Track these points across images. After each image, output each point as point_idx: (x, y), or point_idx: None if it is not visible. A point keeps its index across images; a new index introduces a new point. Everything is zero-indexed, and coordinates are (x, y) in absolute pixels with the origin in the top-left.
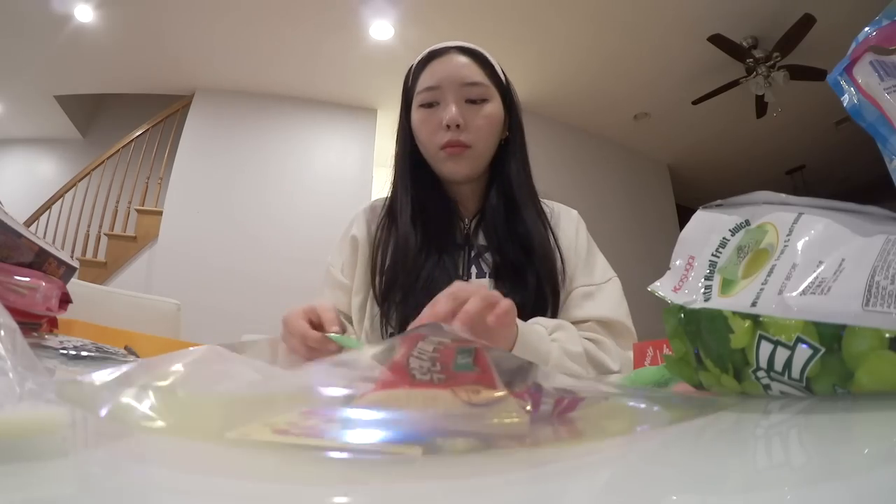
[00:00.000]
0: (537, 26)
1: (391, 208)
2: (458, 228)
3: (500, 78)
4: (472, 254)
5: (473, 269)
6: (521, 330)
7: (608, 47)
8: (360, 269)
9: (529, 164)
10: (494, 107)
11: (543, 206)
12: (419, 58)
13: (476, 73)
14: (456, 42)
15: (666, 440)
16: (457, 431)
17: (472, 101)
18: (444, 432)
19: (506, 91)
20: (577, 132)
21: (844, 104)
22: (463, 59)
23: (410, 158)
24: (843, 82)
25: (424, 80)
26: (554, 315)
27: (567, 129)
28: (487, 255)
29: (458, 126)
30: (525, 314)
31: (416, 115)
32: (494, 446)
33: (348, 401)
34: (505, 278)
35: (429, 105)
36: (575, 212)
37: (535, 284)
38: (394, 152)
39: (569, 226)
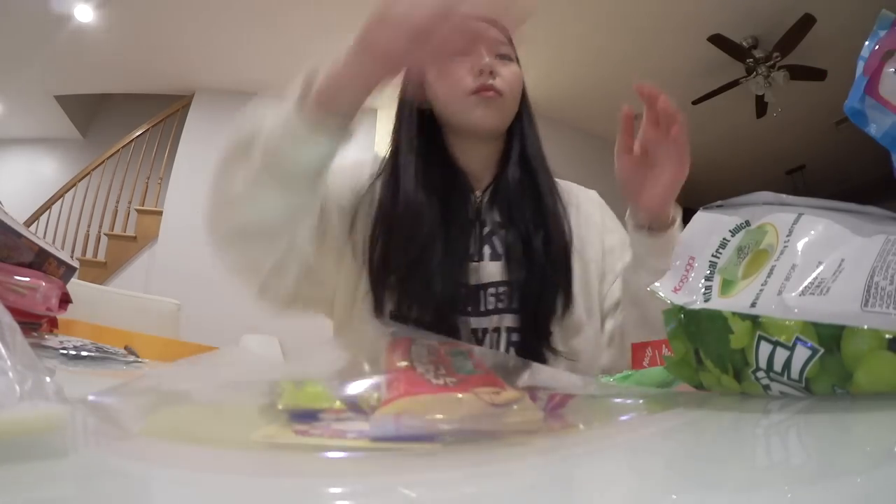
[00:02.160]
0: (537, 27)
1: (394, 166)
2: (470, 202)
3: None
4: (485, 231)
5: (487, 249)
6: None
7: (608, 47)
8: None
9: (540, 138)
10: (518, 68)
11: (557, 184)
12: None
13: (503, 36)
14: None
15: (666, 439)
16: (479, 431)
17: (502, 57)
18: (466, 433)
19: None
20: (577, 132)
21: (874, 133)
22: (490, 24)
23: (419, 116)
24: (866, 109)
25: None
26: (567, 300)
27: (567, 129)
28: (503, 233)
29: (491, 73)
30: (535, 297)
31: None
32: (506, 442)
33: (366, 407)
34: (518, 258)
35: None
36: (593, 192)
37: (548, 266)
38: (396, 110)
39: (591, 209)
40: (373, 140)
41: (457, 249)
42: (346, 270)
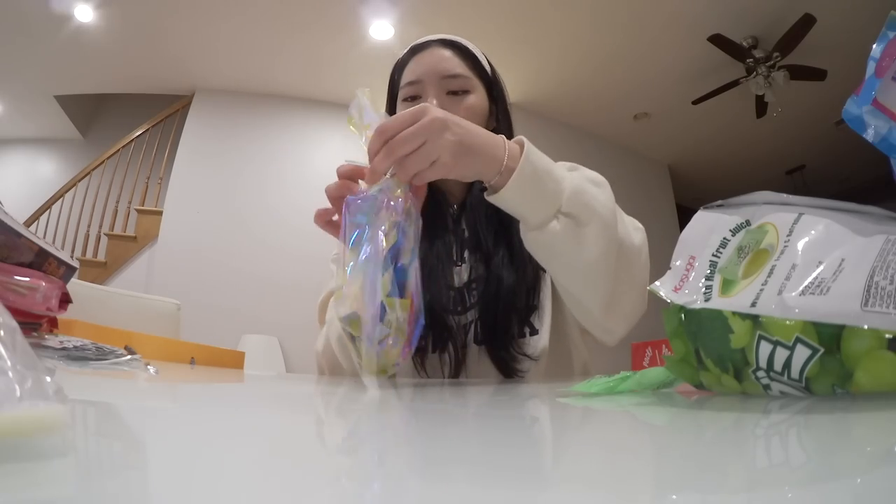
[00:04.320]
0: (537, 26)
1: None
2: (448, 215)
3: (484, 69)
4: (466, 236)
5: (466, 253)
6: (526, 147)
7: (608, 47)
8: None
9: None
10: (477, 98)
11: None
12: (403, 53)
13: (457, 66)
14: (438, 35)
15: (665, 439)
16: None
17: (453, 93)
18: None
19: (491, 82)
20: (577, 132)
21: (871, 139)
22: (445, 52)
23: None
24: (864, 114)
25: (407, 75)
26: (530, 304)
27: (567, 129)
28: (472, 244)
29: None
30: (499, 304)
31: (400, 109)
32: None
33: None
34: (480, 264)
35: (412, 99)
36: None
37: (510, 275)
38: None
39: None
40: None
41: (439, 256)
42: None
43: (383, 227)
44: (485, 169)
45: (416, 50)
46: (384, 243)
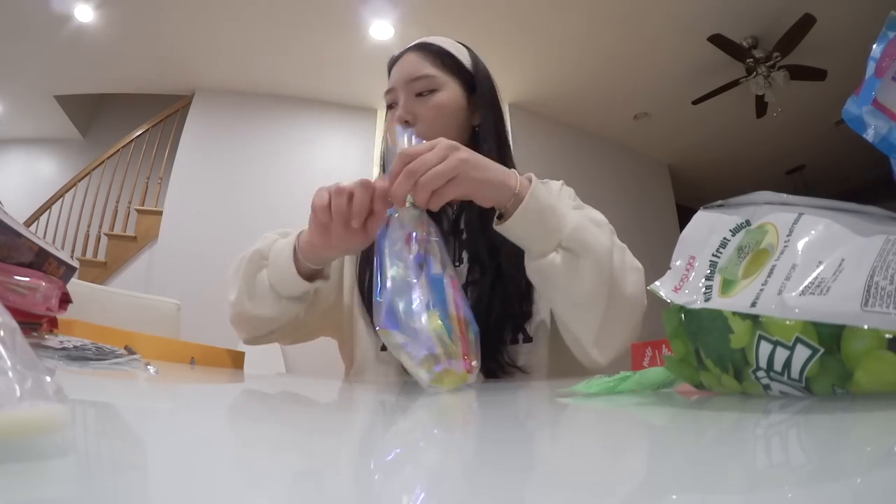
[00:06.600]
0: (537, 26)
1: None
2: (447, 216)
3: (458, 63)
4: (464, 237)
5: (465, 254)
6: (534, 183)
7: (608, 47)
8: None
9: (508, 147)
10: (445, 95)
11: None
12: (388, 63)
13: (423, 67)
14: (418, 40)
15: (666, 439)
16: None
17: (420, 95)
18: None
19: (470, 77)
20: (577, 132)
21: (871, 139)
22: (414, 57)
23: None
24: (864, 114)
25: (388, 84)
26: (524, 310)
27: (567, 129)
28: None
29: (406, 122)
30: (497, 302)
31: (386, 115)
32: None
33: None
34: (477, 262)
35: (390, 107)
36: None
37: (507, 280)
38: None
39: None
40: (373, 139)
41: None
42: (336, 316)
43: (401, 246)
44: (497, 194)
45: (394, 60)
46: (409, 261)
